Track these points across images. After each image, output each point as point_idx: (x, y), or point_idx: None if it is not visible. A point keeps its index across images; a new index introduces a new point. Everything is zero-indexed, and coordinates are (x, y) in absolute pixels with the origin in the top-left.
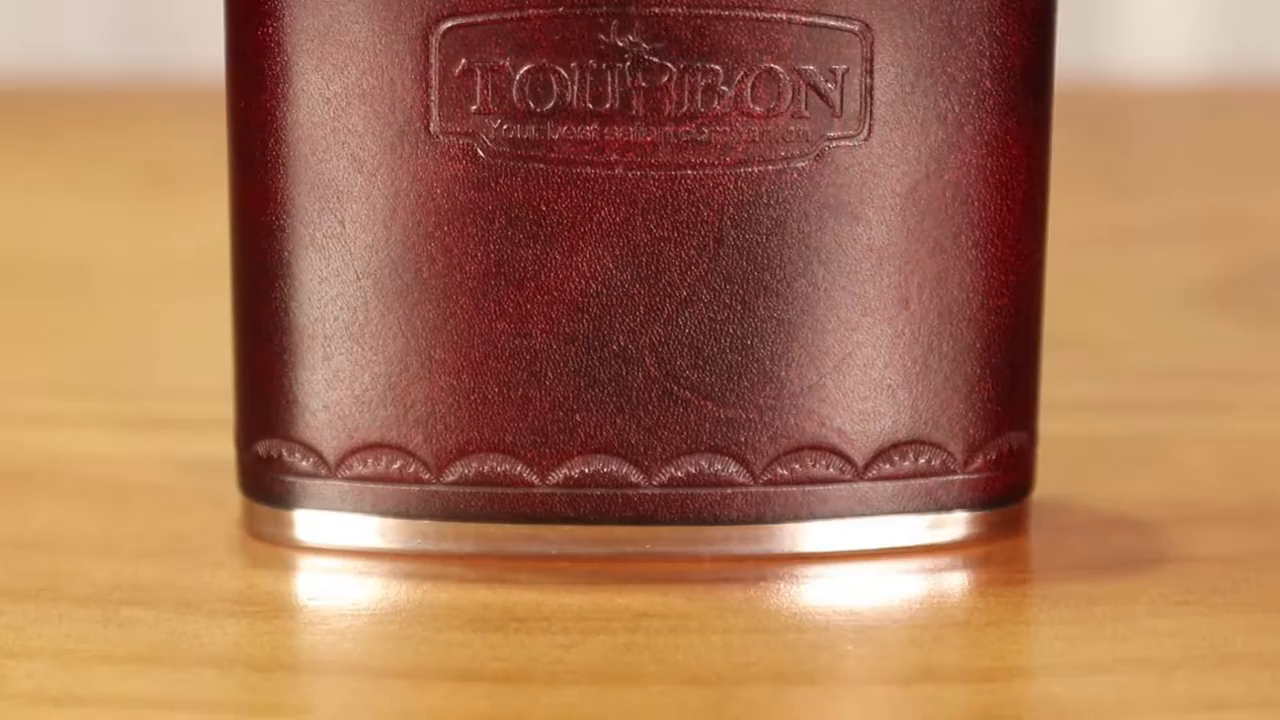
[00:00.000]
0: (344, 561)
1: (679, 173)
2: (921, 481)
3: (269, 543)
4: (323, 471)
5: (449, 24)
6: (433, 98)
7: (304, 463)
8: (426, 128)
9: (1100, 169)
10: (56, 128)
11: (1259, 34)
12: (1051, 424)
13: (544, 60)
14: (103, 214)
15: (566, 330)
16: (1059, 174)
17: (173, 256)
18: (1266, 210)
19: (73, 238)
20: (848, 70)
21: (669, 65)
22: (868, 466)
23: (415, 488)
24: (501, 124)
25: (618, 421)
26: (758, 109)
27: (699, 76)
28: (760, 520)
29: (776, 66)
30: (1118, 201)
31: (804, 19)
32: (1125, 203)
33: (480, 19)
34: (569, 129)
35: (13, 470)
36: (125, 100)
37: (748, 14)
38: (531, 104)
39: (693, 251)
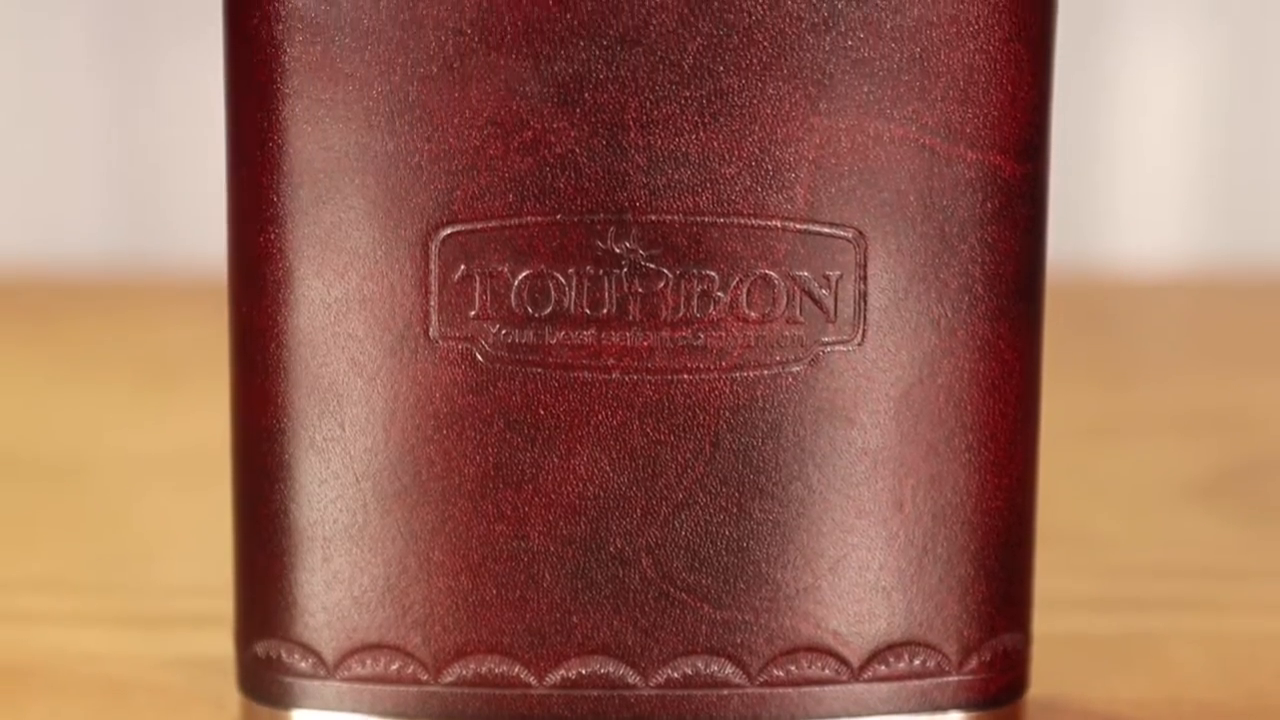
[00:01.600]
0: None
1: (675, 377)
2: (917, 683)
3: None
4: (321, 672)
5: (449, 231)
6: (432, 303)
7: (303, 663)
8: (426, 333)
9: (1093, 361)
10: (53, 318)
11: (1248, 226)
12: (1046, 621)
13: (542, 266)
14: (100, 406)
15: (564, 533)
16: (1052, 366)
17: (172, 450)
18: (1259, 404)
19: (70, 430)
20: (841, 276)
21: (665, 271)
22: (863, 668)
23: (413, 688)
24: (500, 329)
25: (614, 623)
26: (753, 314)
27: (695, 283)
28: None
29: (771, 273)
30: (1110, 394)
31: (798, 226)
32: (1118, 395)
33: (480, 226)
34: (567, 334)
35: (9, 668)
36: (122, 290)
37: (742, 221)
38: (530, 309)
39: (689, 455)
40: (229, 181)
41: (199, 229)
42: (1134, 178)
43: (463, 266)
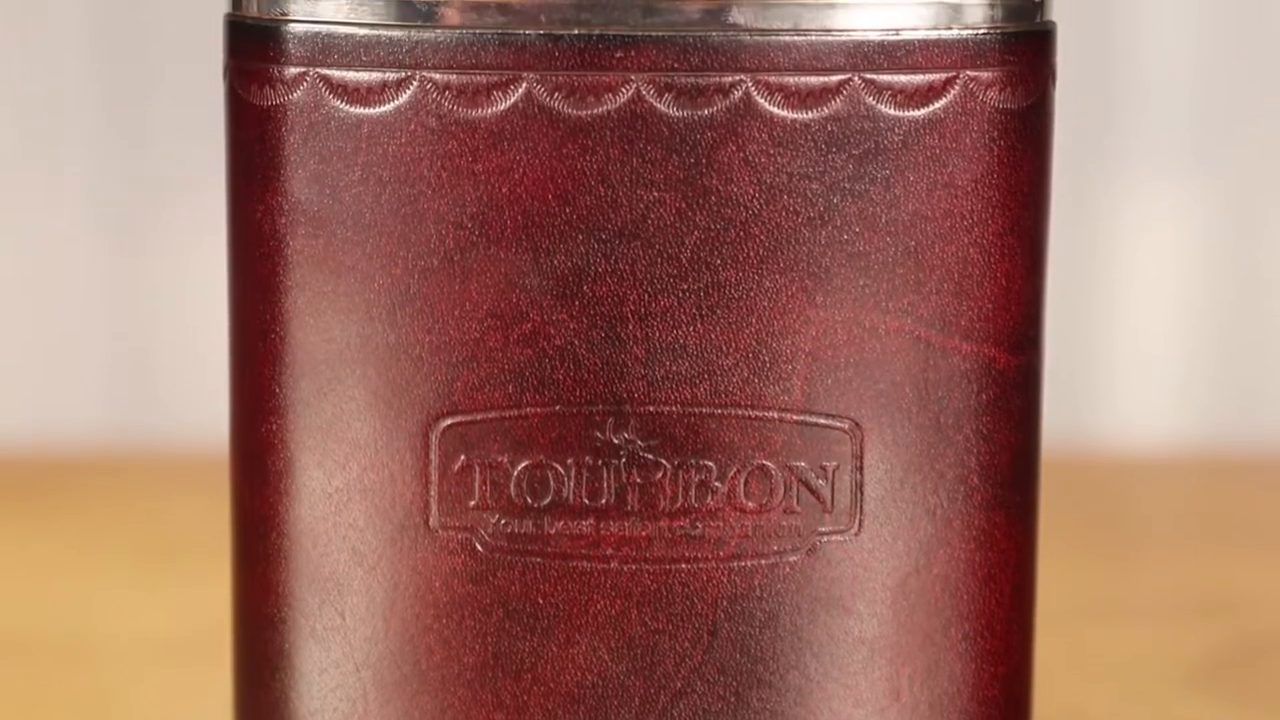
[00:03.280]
0: None
1: (673, 566)
2: None
3: None
4: None
5: (449, 421)
6: (432, 493)
7: None
8: (426, 522)
9: (1091, 540)
10: (53, 498)
11: (1247, 405)
12: None
13: (541, 457)
14: (102, 586)
15: None
16: (1050, 546)
17: (173, 631)
18: (1258, 586)
19: (72, 611)
20: (838, 467)
21: (663, 462)
22: None
23: None
24: (499, 519)
25: None
26: (750, 504)
27: (693, 473)
28: None
29: (768, 463)
30: (1108, 575)
31: (795, 417)
32: (1116, 576)
33: (480, 417)
34: (565, 524)
35: None
36: (122, 467)
37: (740, 412)
38: (529, 499)
39: (687, 644)
40: (231, 372)
41: (198, 406)
42: (1132, 356)
43: (462, 457)
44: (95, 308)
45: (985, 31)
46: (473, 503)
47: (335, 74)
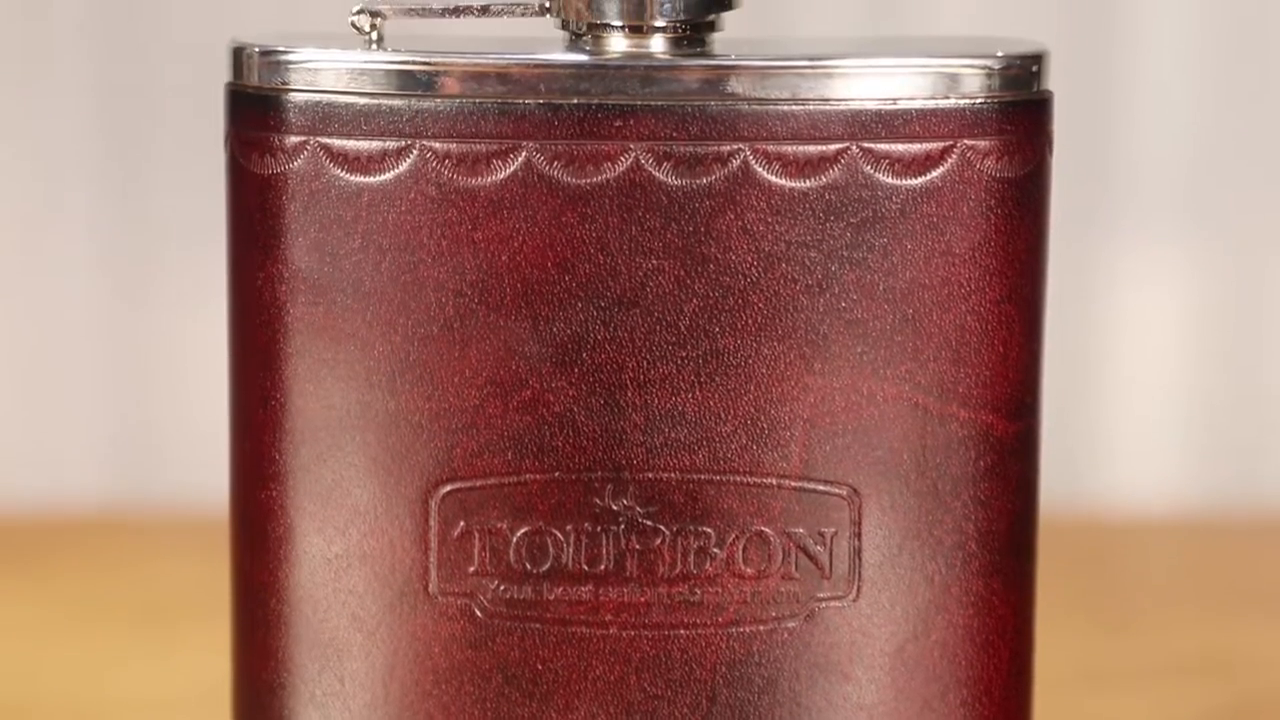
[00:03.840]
0: None
1: (672, 632)
2: None
3: None
4: None
5: (448, 488)
6: (432, 559)
7: None
8: (425, 589)
9: (1089, 602)
10: (51, 561)
11: (1243, 467)
12: None
13: (540, 523)
14: (100, 650)
15: None
16: (1047, 608)
17: (172, 696)
18: (1256, 648)
19: (70, 676)
20: (836, 533)
21: (662, 528)
22: None
23: None
24: (499, 585)
25: None
26: (749, 570)
27: (691, 539)
28: None
29: (767, 529)
30: (1106, 637)
31: (793, 484)
32: (1113, 638)
33: (479, 483)
34: (564, 590)
35: None
36: (117, 530)
37: (738, 479)
38: (528, 566)
39: (686, 710)
40: (231, 438)
41: (196, 469)
42: (1130, 417)
43: (462, 523)
44: (95, 370)
45: (982, 101)
46: (472, 569)
47: (336, 143)
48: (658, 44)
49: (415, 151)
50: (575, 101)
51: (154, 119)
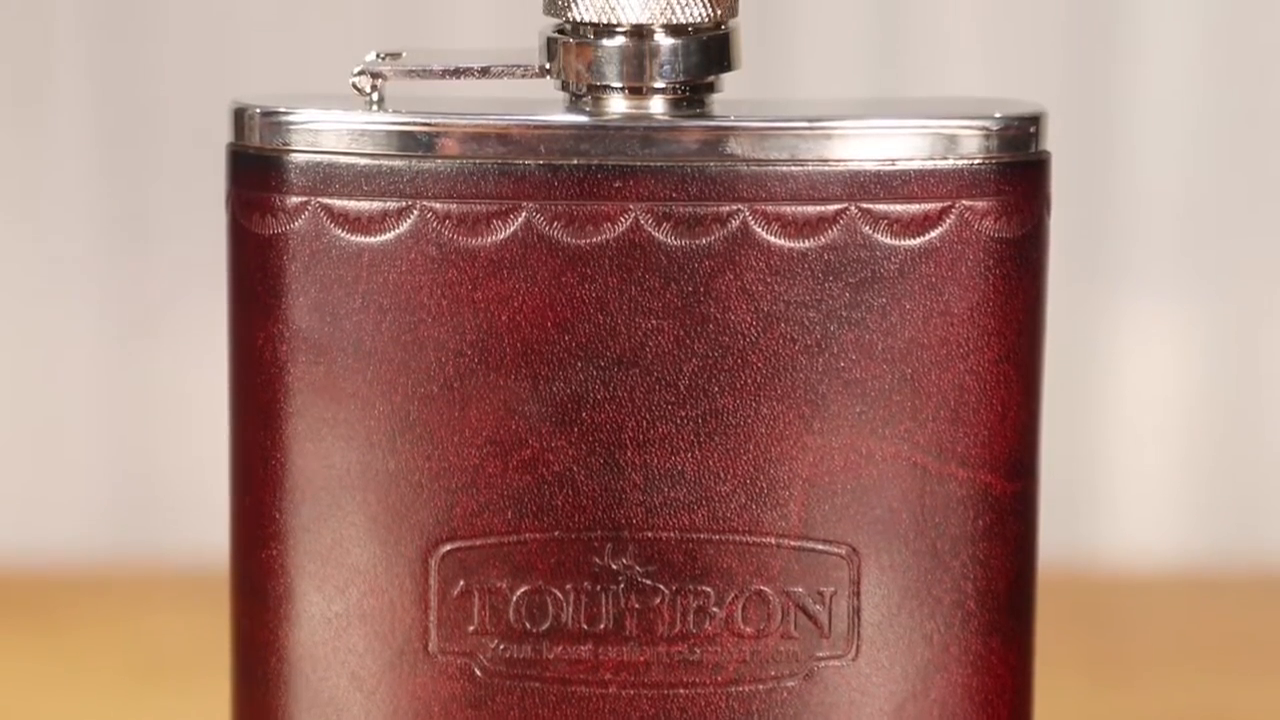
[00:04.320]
0: None
1: (671, 691)
2: None
3: None
4: None
5: (448, 547)
6: (431, 618)
7: None
8: (425, 648)
9: (1087, 662)
10: (46, 615)
11: (1243, 523)
12: None
13: (540, 582)
14: (96, 706)
15: None
16: (1047, 664)
17: None
18: (1256, 705)
19: None
20: (835, 592)
21: (661, 587)
22: None
23: None
24: (498, 644)
25: None
26: (748, 630)
27: (690, 598)
28: None
29: (766, 589)
30: (1105, 697)
31: (792, 543)
32: (1112, 698)
33: (479, 542)
34: (564, 649)
35: None
36: (118, 588)
37: (738, 538)
38: (528, 625)
39: None
40: (232, 497)
41: (194, 523)
42: (1130, 473)
43: (462, 582)
44: (96, 423)
45: (981, 162)
46: (472, 628)
47: (336, 203)
48: (657, 105)
49: (416, 212)
50: (575, 162)
51: (156, 169)
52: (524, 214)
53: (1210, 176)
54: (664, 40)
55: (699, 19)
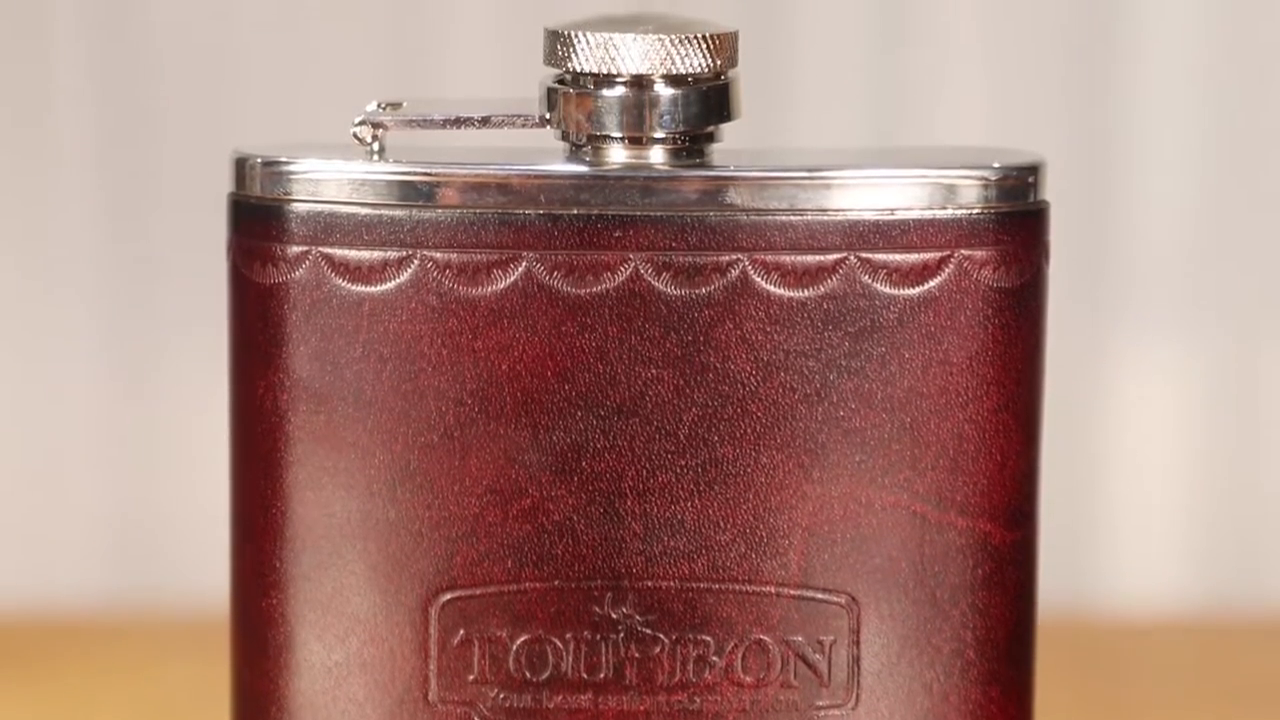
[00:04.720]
0: None
1: None
2: None
3: None
4: None
5: (448, 596)
6: (431, 667)
7: None
8: (425, 697)
9: (1087, 710)
10: (45, 664)
11: (1246, 566)
12: None
13: (540, 631)
14: None
15: None
16: (1044, 713)
17: None
18: None
19: None
20: (835, 641)
21: (661, 637)
22: None
23: None
24: (498, 693)
25: None
26: (748, 679)
27: (690, 648)
28: None
29: (765, 638)
30: None
31: (792, 592)
32: None
33: (479, 591)
34: (564, 698)
35: None
36: (118, 636)
37: (737, 588)
38: (528, 674)
39: None
40: (232, 545)
41: (194, 571)
42: (1131, 518)
43: (462, 631)
44: (94, 471)
45: (979, 211)
46: (472, 677)
47: (337, 253)
48: (657, 155)
49: (416, 261)
50: (575, 212)
51: (159, 214)
52: (524, 263)
53: (1211, 216)
54: (664, 90)
55: (699, 69)
